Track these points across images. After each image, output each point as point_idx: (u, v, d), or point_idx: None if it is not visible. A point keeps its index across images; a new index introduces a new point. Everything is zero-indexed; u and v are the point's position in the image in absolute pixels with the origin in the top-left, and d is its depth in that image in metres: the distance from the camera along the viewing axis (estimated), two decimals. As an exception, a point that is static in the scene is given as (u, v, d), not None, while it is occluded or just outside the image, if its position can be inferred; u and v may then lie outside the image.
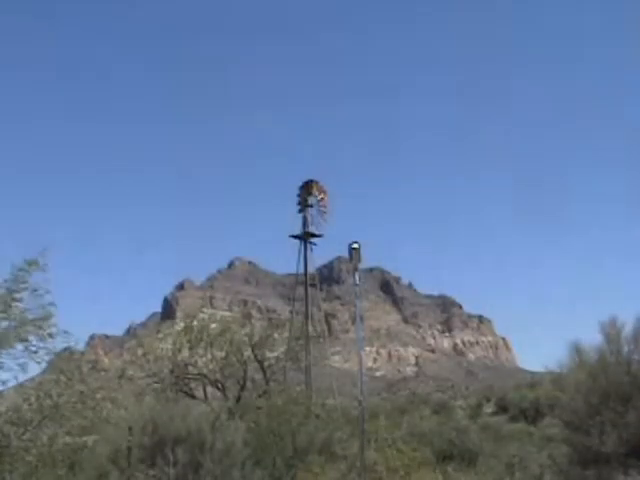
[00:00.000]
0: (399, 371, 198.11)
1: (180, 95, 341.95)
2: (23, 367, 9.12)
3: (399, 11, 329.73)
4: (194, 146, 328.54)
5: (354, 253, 4.14)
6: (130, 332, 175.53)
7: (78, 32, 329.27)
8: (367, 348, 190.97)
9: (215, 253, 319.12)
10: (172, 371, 19.18)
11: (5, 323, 8.69)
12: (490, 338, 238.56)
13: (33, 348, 8.98)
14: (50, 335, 9.07)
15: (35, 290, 8.92)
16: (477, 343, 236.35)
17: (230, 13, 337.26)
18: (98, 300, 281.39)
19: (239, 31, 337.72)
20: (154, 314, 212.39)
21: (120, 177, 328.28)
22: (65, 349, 12.10)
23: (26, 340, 8.79)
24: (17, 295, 8.81)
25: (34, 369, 9.58)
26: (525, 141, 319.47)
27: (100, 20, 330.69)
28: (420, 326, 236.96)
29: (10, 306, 8.67)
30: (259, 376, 19.11)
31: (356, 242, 4.15)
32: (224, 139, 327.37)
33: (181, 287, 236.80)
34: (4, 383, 9.34)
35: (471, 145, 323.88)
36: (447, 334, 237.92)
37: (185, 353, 19.35)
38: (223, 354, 18.87)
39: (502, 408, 35.14)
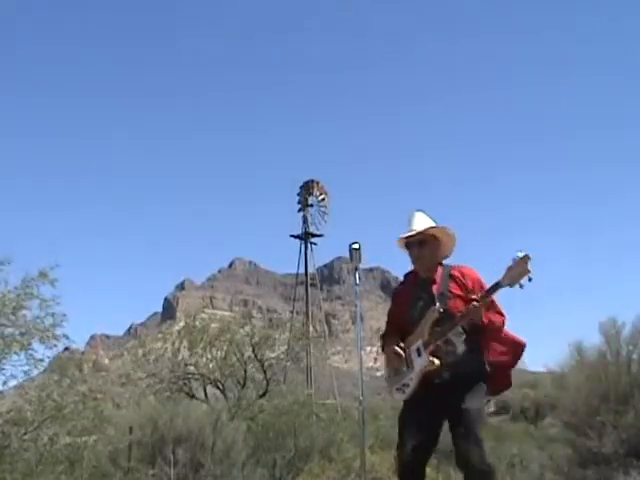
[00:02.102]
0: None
1: (179, 95, 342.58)
2: (26, 373, 9.18)
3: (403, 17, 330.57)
4: (193, 145, 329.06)
5: (354, 253, 4.14)
6: (131, 332, 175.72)
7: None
8: (367, 348, 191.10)
9: (215, 253, 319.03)
10: (172, 371, 19.21)
11: (10, 330, 8.71)
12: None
13: (38, 356, 9.02)
14: (55, 345, 9.12)
15: (45, 301, 8.95)
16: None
17: (229, 12, 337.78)
18: (98, 300, 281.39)
19: (238, 32, 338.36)
20: (154, 314, 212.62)
21: (120, 177, 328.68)
22: (65, 349, 12.15)
23: (30, 348, 8.82)
24: (25, 303, 8.82)
25: (35, 369, 9.60)
26: (526, 149, 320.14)
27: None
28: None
29: (16, 314, 8.68)
30: (260, 376, 19.11)
31: (356, 242, 4.15)
32: (224, 138, 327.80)
33: (181, 287, 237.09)
34: (5, 383, 9.37)
35: (474, 143, 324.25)
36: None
37: (185, 353, 19.37)
38: (223, 354, 18.89)
39: (502, 408, 35.17)
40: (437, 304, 4.22)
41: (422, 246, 4.35)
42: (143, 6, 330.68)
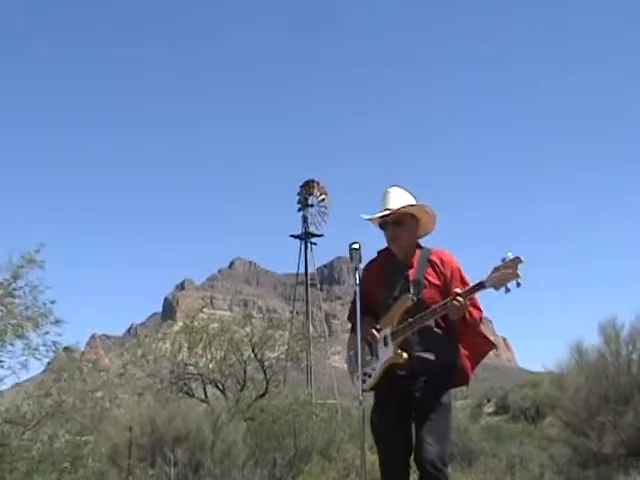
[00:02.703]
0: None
1: (180, 96, 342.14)
2: (24, 365, 9.09)
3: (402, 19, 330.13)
4: (193, 144, 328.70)
5: (354, 253, 4.07)
6: (131, 332, 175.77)
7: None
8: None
9: (215, 253, 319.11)
10: (172, 371, 19.19)
11: (1, 319, 8.62)
12: (491, 338, 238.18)
13: (33, 345, 8.91)
14: (47, 332, 8.99)
15: (34, 287, 8.83)
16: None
17: (229, 14, 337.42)
18: (98, 300, 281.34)
19: (237, 33, 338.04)
20: (154, 314, 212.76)
21: (121, 177, 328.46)
22: (65, 348, 12.10)
23: (25, 337, 8.73)
24: (14, 292, 8.73)
25: (35, 368, 9.56)
26: (526, 148, 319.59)
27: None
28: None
29: (5, 303, 8.60)
30: (260, 376, 19.09)
31: (356, 242, 4.10)
32: (224, 139, 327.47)
33: (181, 287, 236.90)
34: (3, 380, 9.32)
35: (473, 144, 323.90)
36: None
37: (185, 353, 19.35)
38: (222, 354, 18.87)
39: (502, 408, 35.13)
40: (411, 292, 3.86)
41: (399, 226, 3.93)
42: (146, 6, 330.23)
